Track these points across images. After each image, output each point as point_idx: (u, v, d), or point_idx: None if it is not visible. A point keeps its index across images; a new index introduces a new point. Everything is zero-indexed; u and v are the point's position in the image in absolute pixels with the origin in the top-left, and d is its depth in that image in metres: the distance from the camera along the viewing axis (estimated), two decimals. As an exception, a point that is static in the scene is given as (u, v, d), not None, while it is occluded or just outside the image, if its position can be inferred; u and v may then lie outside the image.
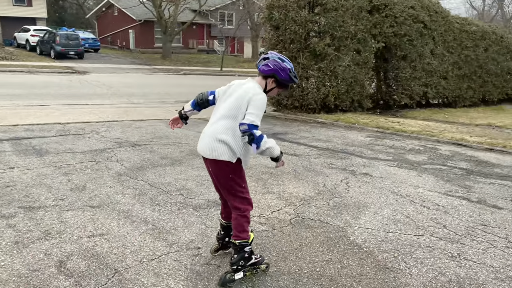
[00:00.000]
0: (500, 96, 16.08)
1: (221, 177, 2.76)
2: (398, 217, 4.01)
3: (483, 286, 2.83)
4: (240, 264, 2.75)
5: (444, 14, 12.97)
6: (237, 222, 2.77)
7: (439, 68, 13.08)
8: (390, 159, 6.44)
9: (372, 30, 11.05)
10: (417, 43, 11.99)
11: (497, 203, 4.54)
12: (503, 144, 7.60)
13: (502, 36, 15.31)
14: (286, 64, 2.77)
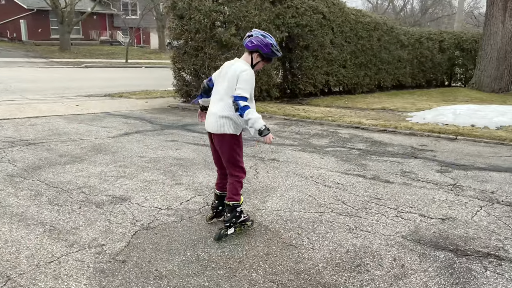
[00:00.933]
0: (393, 82, 17.59)
1: (226, 149, 3.24)
2: (302, 197, 4.23)
3: (376, 252, 3.11)
4: (232, 222, 3.29)
5: (341, 6, 13.78)
6: (233, 187, 3.29)
7: (339, 57, 13.92)
8: (296, 144, 6.74)
9: (275, 20, 11.37)
10: (317, 33, 12.61)
11: (389, 178, 5.00)
12: (395, 125, 8.36)
13: (392, 27, 16.71)
14: (268, 40, 3.12)
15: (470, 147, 6.83)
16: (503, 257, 3.08)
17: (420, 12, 52.80)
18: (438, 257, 3.06)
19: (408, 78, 18.08)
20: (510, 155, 6.28)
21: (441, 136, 7.54)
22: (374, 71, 16.06)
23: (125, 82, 16.68)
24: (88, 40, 38.13)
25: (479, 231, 3.53)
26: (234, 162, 3.28)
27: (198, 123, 8.27)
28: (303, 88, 13.04)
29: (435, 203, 4.17)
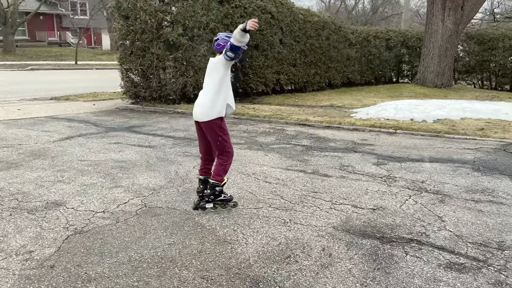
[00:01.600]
0: (342, 80, 18.10)
1: (212, 134, 3.69)
2: (242, 194, 4.31)
3: (306, 243, 3.23)
4: (210, 198, 3.77)
5: (289, 6, 14.02)
6: (218, 168, 3.77)
7: (289, 56, 14.15)
8: (243, 142, 6.82)
9: (224, 20, 11.41)
10: (267, 33, 12.77)
11: (328, 172, 5.18)
12: (339, 121, 8.64)
13: (340, 26, 17.19)
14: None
15: (408, 140, 7.19)
16: (424, 241, 3.29)
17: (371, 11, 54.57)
18: (364, 245, 3.23)
19: (357, 75, 18.67)
20: (443, 146, 6.67)
21: (382, 130, 7.88)
22: (324, 70, 16.46)
23: (73, 85, 16.17)
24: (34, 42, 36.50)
25: (406, 219, 3.74)
26: (220, 146, 3.75)
27: (145, 125, 8.17)
28: (255, 87, 13.17)
29: (368, 194, 4.38)
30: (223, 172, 3.80)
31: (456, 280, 2.73)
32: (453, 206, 4.06)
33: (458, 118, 8.97)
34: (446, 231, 3.47)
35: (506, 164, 5.66)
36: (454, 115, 9.16)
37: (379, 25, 43.68)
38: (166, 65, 10.46)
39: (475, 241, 3.29)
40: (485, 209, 3.98)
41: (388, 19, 53.81)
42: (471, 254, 3.07)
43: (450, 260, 2.98)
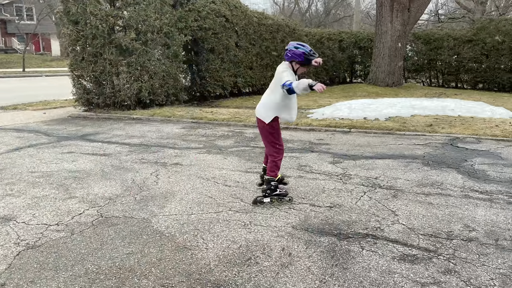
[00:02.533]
0: (299, 81, 18.45)
1: (263, 131, 4.13)
2: (202, 199, 4.29)
3: (266, 244, 3.27)
4: (267, 192, 4.11)
5: (243, 9, 14.11)
6: (270, 164, 4.13)
7: (245, 59, 14.24)
8: (201, 146, 6.78)
9: (177, 24, 11.31)
10: (222, 36, 12.78)
11: (286, 172, 5.25)
12: (296, 122, 8.77)
13: (294, 29, 17.51)
14: (301, 50, 3.86)
15: (361, 138, 7.42)
16: (379, 236, 3.42)
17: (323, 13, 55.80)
18: (322, 242, 3.30)
19: (312, 76, 19.04)
20: (395, 143, 6.94)
21: (337, 130, 8.09)
22: (280, 71, 16.68)
23: (21, 93, 15.46)
24: (-23, 49, 34.56)
25: (361, 215, 3.87)
26: (271, 143, 4.11)
27: (99, 132, 7.95)
28: (212, 90, 13.14)
29: (324, 192, 4.49)
30: (275, 167, 4.12)
31: (409, 271, 2.85)
32: (405, 200, 4.24)
33: (408, 116, 9.36)
34: (399, 225, 3.62)
35: (453, 157, 5.98)
36: (404, 112, 9.56)
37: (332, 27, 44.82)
38: (119, 70, 10.22)
39: (426, 233, 3.45)
40: (434, 202, 4.18)
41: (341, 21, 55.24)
42: (423, 245, 3.22)
43: (403, 252, 3.11)
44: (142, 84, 10.28)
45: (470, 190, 4.54)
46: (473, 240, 3.31)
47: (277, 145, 4.12)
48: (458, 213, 3.87)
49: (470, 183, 4.79)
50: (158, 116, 9.64)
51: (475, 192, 4.46)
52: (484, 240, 3.30)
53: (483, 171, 5.28)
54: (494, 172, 5.20)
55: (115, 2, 10.06)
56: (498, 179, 4.91)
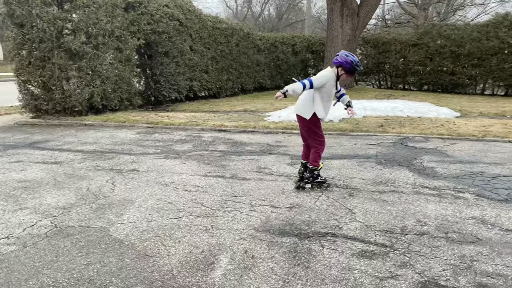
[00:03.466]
0: (254, 85, 18.57)
1: (304, 126, 4.59)
2: (161, 205, 4.22)
3: (229, 248, 3.27)
4: (309, 180, 4.65)
5: (197, 13, 14.04)
6: (313, 155, 4.60)
7: (200, 63, 14.17)
8: (158, 152, 6.67)
9: (130, 27, 11.08)
10: (176, 40, 12.65)
11: (246, 175, 5.29)
12: (254, 125, 8.85)
13: (248, 33, 17.63)
14: (350, 58, 4.28)
15: (318, 139, 7.60)
16: (338, 234, 3.52)
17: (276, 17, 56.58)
18: (284, 243, 3.36)
19: (267, 80, 19.28)
20: (349, 144, 7.17)
21: (294, 132, 8.23)
22: (236, 75, 16.75)
23: (-41, 100, 14.46)
24: None
25: (320, 214, 3.96)
26: (312, 137, 4.57)
27: (50, 140, 7.61)
28: (167, 94, 12.96)
29: (284, 193, 4.56)
30: (318, 157, 4.58)
31: (368, 266, 2.96)
32: (361, 198, 4.40)
33: (361, 117, 9.70)
34: (357, 222, 3.75)
35: (403, 156, 6.26)
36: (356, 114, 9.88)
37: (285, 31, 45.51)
38: (69, 75, 9.84)
39: (382, 229, 3.60)
40: (388, 199, 4.37)
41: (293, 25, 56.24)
42: (379, 241, 3.36)
43: (361, 249, 3.23)
44: (94, 89, 9.95)
45: (421, 186, 4.78)
46: (425, 234, 3.49)
47: (318, 135, 4.57)
48: (411, 209, 4.06)
49: (421, 180, 5.04)
50: (112, 122, 9.38)
51: (425, 188, 4.70)
52: (435, 234, 3.49)
53: (432, 168, 5.57)
54: (442, 169, 5.50)
55: (63, 5, 9.67)
56: (445, 175, 5.20)
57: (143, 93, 12.91)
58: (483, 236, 3.42)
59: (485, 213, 3.91)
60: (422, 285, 2.71)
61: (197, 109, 12.65)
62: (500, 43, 17.16)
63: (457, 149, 6.70)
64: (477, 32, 17.78)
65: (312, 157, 4.61)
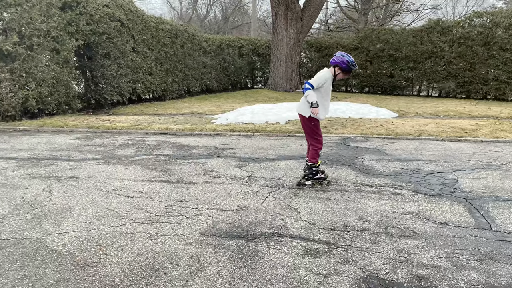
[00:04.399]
0: (201, 87, 18.43)
1: (304, 125, 4.83)
2: (102, 213, 4.05)
3: (174, 254, 3.20)
4: (309, 176, 4.86)
5: (139, 13, 13.70)
6: (311, 152, 4.85)
7: (143, 64, 13.83)
8: (99, 157, 6.41)
9: (67, 27, 10.57)
10: (117, 41, 12.25)
11: (192, 179, 5.22)
12: (201, 128, 8.77)
13: (194, 34, 17.48)
14: (346, 58, 4.56)
15: (264, 141, 7.68)
16: (284, 233, 3.56)
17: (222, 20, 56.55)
18: (231, 245, 3.34)
19: (214, 82, 19.21)
20: (295, 145, 7.31)
21: (241, 134, 8.26)
22: (181, 77, 16.53)
23: None
24: None
25: (267, 215, 3.99)
26: (311, 135, 4.84)
27: (-21, 147, 7.06)
28: (109, 97, 12.52)
29: (231, 196, 4.55)
30: (316, 155, 4.83)
31: (312, 264, 3.02)
32: (306, 197, 4.49)
33: (306, 118, 9.92)
34: (302, 221, 3.82)
35: (346, 155, 6.48)
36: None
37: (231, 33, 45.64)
38: (0, 77, 9.21)
39: (326, 227, 3.69)
40: (332, 197, 4.49)
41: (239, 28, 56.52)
42: (323, 239, 3.44)
43: (306, 247, 3.29)
44: (29, 93, 9.40)
45: (362, 184, 4.97)
46: (367, 230, 3.63)
47: (317, 135, 4.82)
48: (353, 206, 4.21)
49: (362, 178, 5.24)
50: (49, 127, 8.89)
51: (366, 186, 4.89)
52: (376, 229, 3.63)
53: (372, 166, 5.81)
54: (381, 167, 5.76)
55: (-8, 2, 9.05)
56: (384, 173, 5.44)
57: (83, 96, 12.38)
58: (419, 229, 3.61)
59: (421, 208, 4.14)
60: (364, 280, 2.81)
61: (141, 112, 12.33)
62: (433, 47, 18.31)
63: (395, 147, 7.04)
64: (413, 36, 18.86)
65: (311, 154, 4.86)
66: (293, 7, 18.61)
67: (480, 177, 5.23)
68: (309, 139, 4.91)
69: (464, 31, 17.63)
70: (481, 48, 17.21)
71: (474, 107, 12.98)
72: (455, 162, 6.01)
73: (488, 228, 3.64)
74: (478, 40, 17.24)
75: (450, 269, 2.92)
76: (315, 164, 4.86)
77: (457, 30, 17.83)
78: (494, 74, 17.14)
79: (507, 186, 4.82)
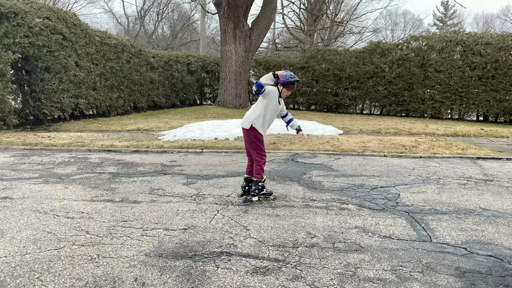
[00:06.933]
0: (148, 103, 18.04)
1: (248, 140, 4.86)
2: (39, 236, 3.77)
3: (117, 277, 3.03)
4: (255, 192, 4.85)
5: (83, 27, 13.25)
6: (256, 168, 4.85)
7: (87, 79, 13.32)
8: (37, 176, 6.02)
9: (3, 39, 9.98)
10: (59, 55, 11.74)
11: (138, 198, 5.02)
12: (147, 145, 8.54)
13: (141, 50, 17.16)
14: (284, 72, 4.72)
15: (214, 158, 7.61)
16: (233, 252, 3.50)
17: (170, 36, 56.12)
18: (177, 266, 3.22)
19: (162, 98, 18.89)
20: (244, 161, 7.28)
21: (189, 151, 8.13)
22: (127, 93, 16.11)
23: None
24: None
25: (215, 233, 3.91)
26: (255, 151, 4.85)
27: None
28: (49, 113, 11.89)
29: (179, 215, 4.42)
30: (261, 170, 4.85)
31: (262, 282, 2.97)
32: (256, 214, 4.46)
33: (255, 135, 9.97)
34: (251, 239, 3.77)
35: (294, 171, 6.56)
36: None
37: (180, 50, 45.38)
38: None
39: (275, 244, 3.67)
40: (281, 213, 4.50)
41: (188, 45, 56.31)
42: (273, 256, 3.41)
43: (255, 265, 3.24)
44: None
45: (310, 200, 5.03)
46: (315, 245, 3.65)
47: (261, 151, 4.84)
48: (301, 222, 4.23)
49: (309, 193, 5.31)
50: (-20, 144, 8.26)
51: (314, 201, 4.95)
52: (324, 245, 3.67)
53: (319, 182, 5.91)
54: (328, 182, 5.87)
55: None
56: (331, 189, 5.55)
57: (20, 111, 11.68)
58: (365, 243, 3.69)
59: (366, 222, 4.25)
60: (313, 296, 2.80)
61: (84, 128, 11.81)
62: (375, 67, 19.27)
63: (341, 163, 7.24)
64: (355, 57, 19.74)
65: (255, 170, 4.87)
66: (242, 26, 18.88)
67: (420, 191, 5.49)
68: (253, 154, 4.91)
69: (402, 53, 18.73)
70: (418, 69, 18.33)
71: (413, 125, 13.72)
72: (397, 177, 6.27)
73: (428, 240, 3.79)
74: (415, 61, 18.36)
75: (394, 282, 2.99)
76: (261, 179, 4.87)
77: (396, 52, 18.91)
78: (430, 94, 18.30)
79: (445, 199, 5.08)
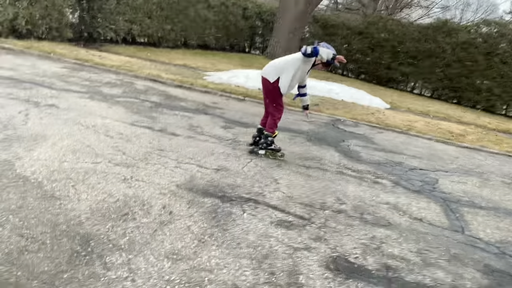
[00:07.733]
0: (198, 41, 17.87)
1: (267, 91, 4.56)
2: (78, 147, 3.89)
3: (147, 201, 3.10)
4: (263, 146, 4.67)
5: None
6: (270, 122, 4.64)
7: (144, 6, 13.26)
8: (84, 91, 6.17)
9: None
10: (121, -24, 11.67)
11: (176, 131, 5.06)
12: (192, 82, 8.53)
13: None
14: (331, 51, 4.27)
15: (255, 107, 7.54)
16: (260, 201, 3.50)
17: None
18: (205, 203, 3.26)
19: (213, 39, 18.68)
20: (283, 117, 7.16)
21: (232, 96, 8.08)
22: (180, 27, 15.98)
23: None
24: None
25: (246, 180, 3.91)
26: (273, 104, 4.59)
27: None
28: (103, 33, 12.03)
29: (213, 155, 4.44)
30: (274, 125, 4.63)
31: (284, 235, 2.97)
32: (288, 170, 4.42)
33: (299, 93, 9.76)
34: (280, 192, 3.75)
35: (333, 137, 6.41)
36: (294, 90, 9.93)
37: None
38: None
39: (303, 202, 3.64)
40: (313, 174, 4.43)
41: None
42: (299, 213, 3.39)
43: (281, 218, 3.23)
44: (19, 11, 8.91)
45: (344, 167, 4.92)
46: (342, 212, 3.59)
47: (279, 105, 4.57)
48: (332, 187, 4.16)
49: (345, 161, 5.20)
50: (35, 50, 8.49)
51: (348, 170, 4.85)
52: (351, 213, 3.60)
53: (357, 152, 5.77)
54: (366, 154, 5.72)
55: None
56: (368, 161, 5.41)
57: (76, 26, 11.85)
58: (394, 221, 3.60)
59: (399, 200, 4.13)
60: (333, 260, 2.77)
61: (134, 54, 11.91)
62: (437, 47, 18.15)
63: (382, 137, 7.01)
64: (418, 32, 18.63)
65: (269, 123, 4.65)
66: (307, -23, 18.03)
67: (460, 181, 5.26)
68: (269, 107, 4.68)
69: (469, 36, 17.49)
70: (482, 57, 17.15)
71: (464, 113, 13.06)
72: (439, 162, 6.02)
73: (461, 231, 3.65)
74: (481, 48, 17.14)
75: (418, 264, 2.92)
76: (271, 134, 4.67)
77: (463, 35, 17.69)
78: (488, 85, 17.20)
79: (485, 195, 4.85)
